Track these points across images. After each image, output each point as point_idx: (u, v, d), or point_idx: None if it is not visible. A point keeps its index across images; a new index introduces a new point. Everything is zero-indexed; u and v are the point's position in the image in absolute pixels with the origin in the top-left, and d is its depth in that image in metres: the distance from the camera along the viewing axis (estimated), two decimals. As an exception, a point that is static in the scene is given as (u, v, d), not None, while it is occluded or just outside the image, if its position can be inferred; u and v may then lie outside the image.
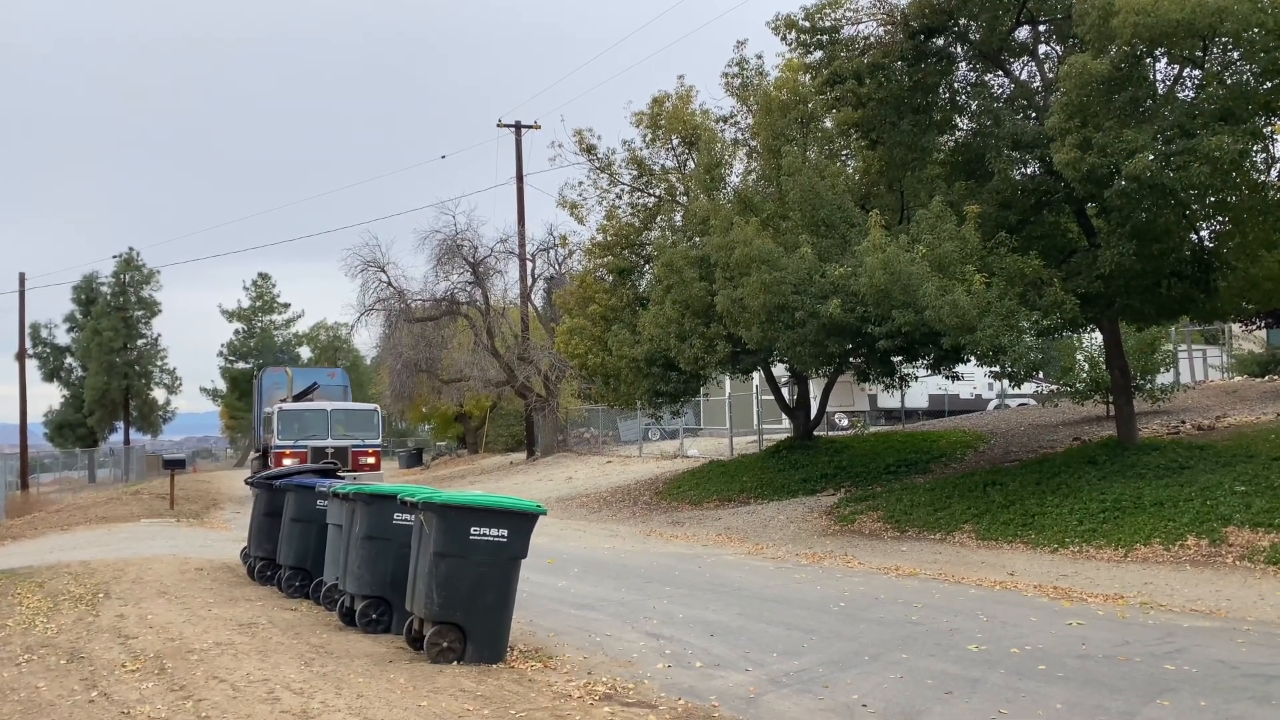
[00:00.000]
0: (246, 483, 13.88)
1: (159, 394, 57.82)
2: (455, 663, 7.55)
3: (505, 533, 7.70)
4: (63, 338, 58.03)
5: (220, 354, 64.31)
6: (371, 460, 25.82)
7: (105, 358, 53.55)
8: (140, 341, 56.16)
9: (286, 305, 65.43)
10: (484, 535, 7.65)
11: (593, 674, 7.35)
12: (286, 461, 23.84)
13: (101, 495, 33.74)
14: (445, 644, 7.62)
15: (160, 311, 56.72)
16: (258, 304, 64.40)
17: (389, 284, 35.16)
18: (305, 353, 69.47)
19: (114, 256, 58.19)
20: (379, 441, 26.45)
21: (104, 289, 55.99)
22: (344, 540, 9.42)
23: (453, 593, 7.60)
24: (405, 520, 8.62)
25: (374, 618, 8.98)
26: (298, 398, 27.83)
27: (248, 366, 63.67)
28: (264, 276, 64.70)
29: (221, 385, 64.99)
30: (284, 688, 6.92)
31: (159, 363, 57.29)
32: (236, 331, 64.07)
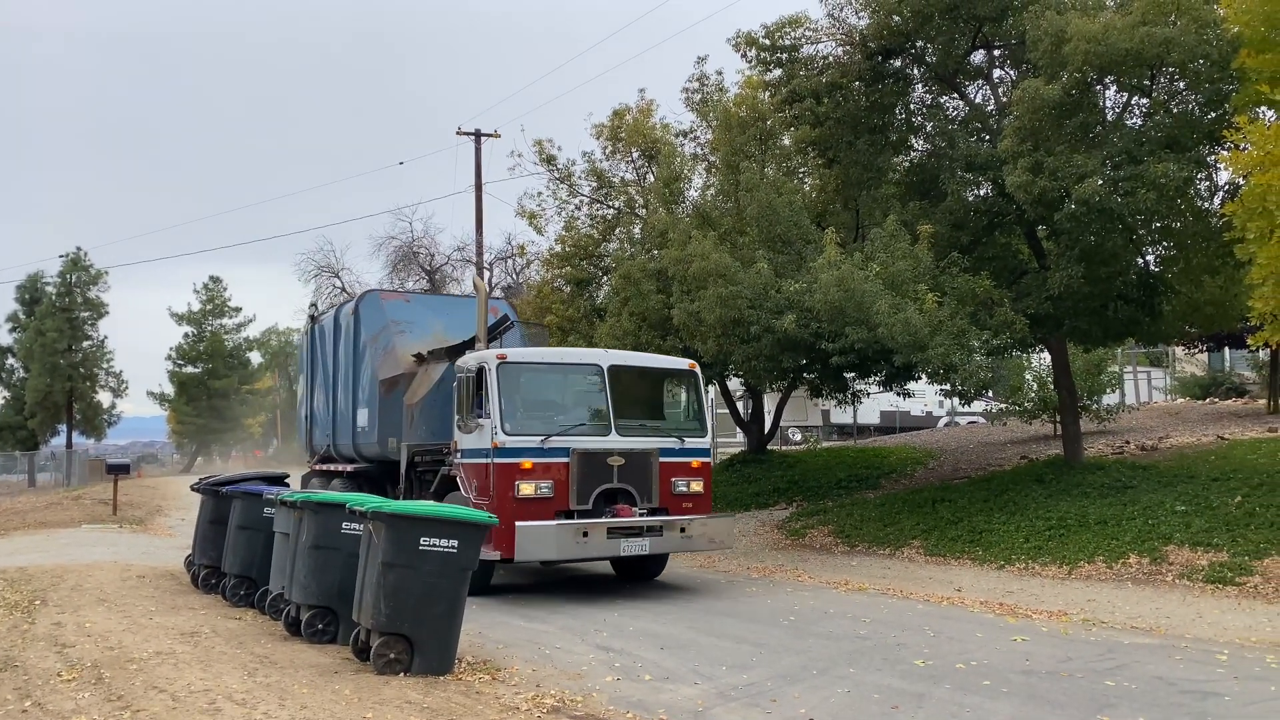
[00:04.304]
0: (192, 488, 13.56)
1: (104, 397, 56.58)
2: (402, 674, 7.48)
3: (455, 543, 7.65)
4: (4, 338, 56.68)
5: (169, 357, 63.17)
6: (699, 485, 12.22)
7: (48, 359, 52.31)
8: (86, 343, 54.92)
9: (238, 309, 64.44)
10: (434, 545, 7.59)
11: (541, 686, 7.31)
12: (525, 489, 11.13)
13: (41, 500, 32.92)
14: (392, 655, 7.54)
15: (107, 313, 55.53)
16: (208, 307, 63.38)
17: (343, 289, 34.90)
18: (256, 358, 68.42)
19: (60, 256, 57.02)
20: (708, 442, 12.73)
21: (49, 289, 54.76)
22: (291, 549, 9.29)
23: (401, 603, 7.53)
24: (354, 529, 8.53)
25: (320, 628, 8.86)
26: (491, 336, 13.86)
27: (197, 370, 62.54)
28: (215, 280, 63.71)
29: (169, 389, 63.80)
30: (226, 698, 6.80)
31: (105, 365, 56.08)
32: (186, 335, 62.98)
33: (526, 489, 11.15)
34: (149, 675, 7.51)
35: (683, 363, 12.97)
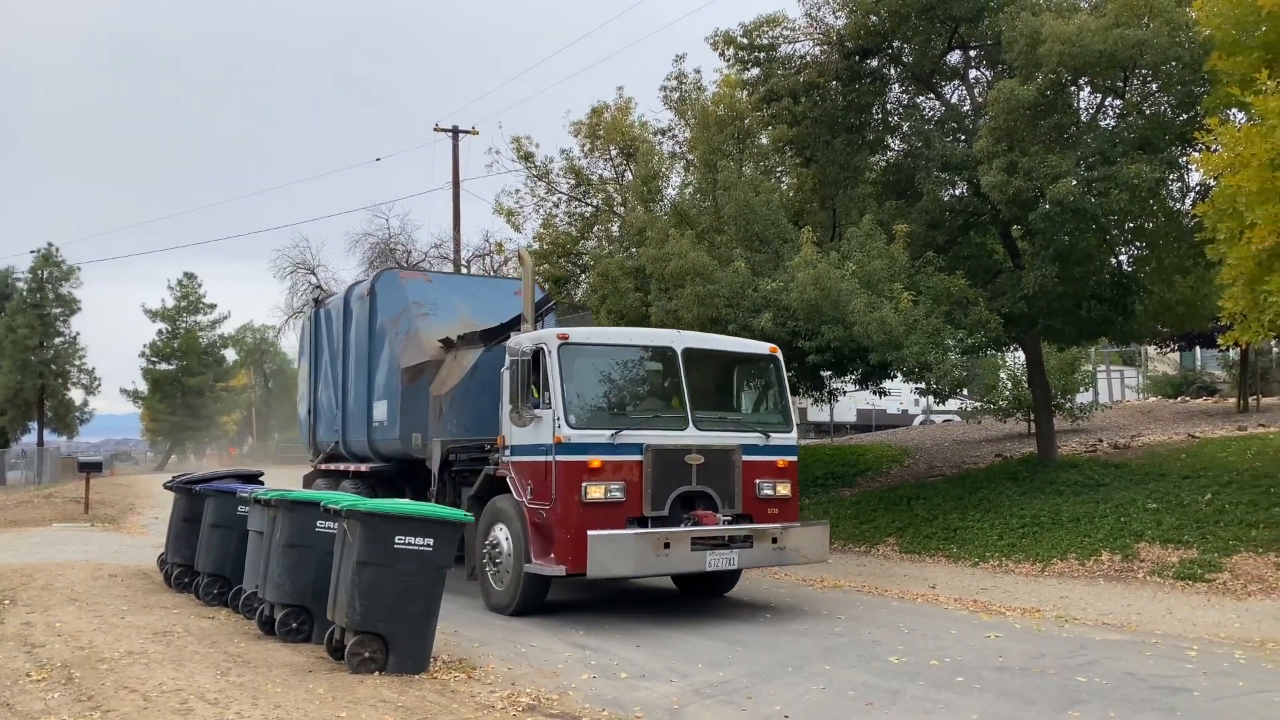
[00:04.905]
0: (166, 486, 13.42)
1: (76, 394, 56.00)
2: (377, 673, 7.45)
3: (431, 542, 7.62)
4: (-26, 334, 55.85)
5: (143, 354, 62.62)
6: (786, 488, 10.83)
7: (19, 356, 51.73)
8: (58, 340, 54.33)
9: (212, 306, 63.98)
10: (409, 544, 7.57)
11: (517, 685, 7.29)
12: (594, 492, 9.55)
13: (12, 498, 32.55)
14: (367, 654, 7.51)
15: (80, 309, 54.96)
16: (183, 304, 62.87)
17: (319, 286, 34.62)
18: (231, 355, 67.88)
19: (32, 251, 56.28)
20: (795, 438, 11.28)
21: (20, 285, 54.13)
22: (265, 547, 9.23)
23: (375, 602, 7.50)
24: (328, 528, 8.48)
25: (294, 627, 8.81)
26: (539, 316, 12.55)
27: (171, 367, 61.99)
28: (190, 276, 63.20)
29: (143, 386, 63.25)
30: (198, 698, 6.75)
31: (77, 362, 55.51)
32: (160, 332, 62.44)
33: (595, 492, 9.55)
34: (120, 675, 7.44)
35: (763, 346, 11.43)
